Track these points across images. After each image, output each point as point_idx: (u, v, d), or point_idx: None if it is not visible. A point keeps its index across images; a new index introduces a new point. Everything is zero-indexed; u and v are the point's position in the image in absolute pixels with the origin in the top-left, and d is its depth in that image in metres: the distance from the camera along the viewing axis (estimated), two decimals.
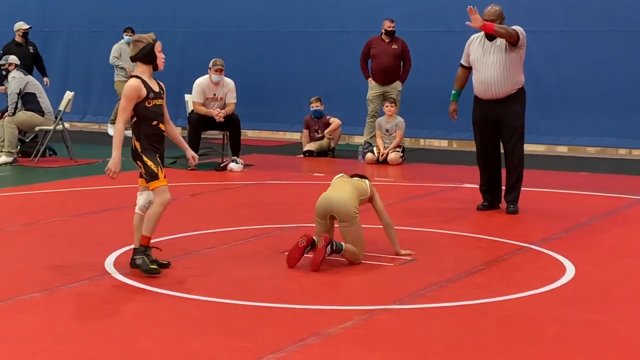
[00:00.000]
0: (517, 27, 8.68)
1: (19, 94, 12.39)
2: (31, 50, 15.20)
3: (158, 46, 6.43)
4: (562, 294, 5.97)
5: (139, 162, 6.37)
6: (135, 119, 6.38)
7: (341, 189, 6.80)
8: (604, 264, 6.90)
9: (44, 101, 12.58)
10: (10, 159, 12.12)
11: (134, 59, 6.46)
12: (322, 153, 13.53)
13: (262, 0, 16.35)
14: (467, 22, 8.56)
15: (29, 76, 12.77)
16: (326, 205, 6.73)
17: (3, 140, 12.21)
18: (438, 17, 14.96)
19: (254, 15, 16.38)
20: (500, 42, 8.74)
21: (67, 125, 12.85)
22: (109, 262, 6.63)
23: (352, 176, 7.05)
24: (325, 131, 13.56)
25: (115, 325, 5.22)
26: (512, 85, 8.80)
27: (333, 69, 15.76)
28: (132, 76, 6.46)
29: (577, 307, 5.67)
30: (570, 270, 6.56)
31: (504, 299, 5.81)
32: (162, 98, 6.47)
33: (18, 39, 15.08)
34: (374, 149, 12.96)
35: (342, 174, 7.09)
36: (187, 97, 12.84)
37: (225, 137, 12.45)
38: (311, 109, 13.70)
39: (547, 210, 9.08)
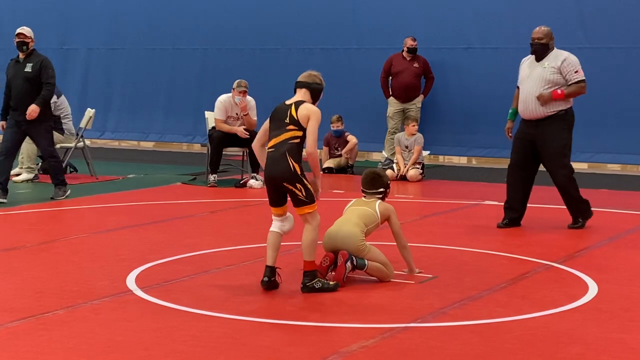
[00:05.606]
0: (579, 74, 8.84)
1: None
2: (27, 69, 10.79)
3: None
4: (585, 313, 5.94)
5: (299, 185, 6.32)
6: (298, 141, 6.40)
7: (346, 221, 6.76)
8: (627, 282, 6.85)
9: (68, 122, 12.64)
10: (31, 176, 12.17)
11: (304, 85, 6.67)
12: (341, 170, 13.55)
13: (281, 17, 16.39)
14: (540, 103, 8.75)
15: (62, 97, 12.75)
16: (331, 242, 6.75)
17: (22, 158, 12.26)
18: (456, 34, 14.96)
19: (272, 33, 16.41)
20: (547, 64, 8.81)
21: (87, 142, 12.88)
22: (131, 280, 6.65)
23: (368, 193, 6.99)
24: (343, 151, 13.57)
25: (137, 343, 5.22)
26: (550, 106, 8.81)
27: (351, 85, 15.78)
28: (303, 102, 6.59)
29: (601, 326, 5.64)
30: (593, 289, 6.53)
31: (526, 318, 5.78)
32: None
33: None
34: (394, 165, 12.95)
35: (355, 200, 7.05)
36: (207, 114, 12.87)
37: (245, 154, 12.47)
38: (332, 128, 13.70)
39: (568, 228, 9.03)
